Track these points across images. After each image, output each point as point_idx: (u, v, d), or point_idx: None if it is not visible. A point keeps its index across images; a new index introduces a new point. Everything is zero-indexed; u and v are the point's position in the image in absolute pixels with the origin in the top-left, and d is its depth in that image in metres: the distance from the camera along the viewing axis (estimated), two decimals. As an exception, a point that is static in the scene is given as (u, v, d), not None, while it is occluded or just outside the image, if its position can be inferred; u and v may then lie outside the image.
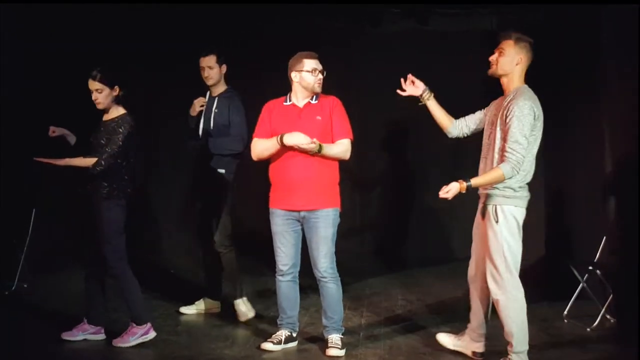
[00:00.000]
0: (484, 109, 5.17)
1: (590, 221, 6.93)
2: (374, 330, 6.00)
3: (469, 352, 5.30)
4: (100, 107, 5.46)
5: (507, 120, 4.71)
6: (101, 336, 5.59)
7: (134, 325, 5.48)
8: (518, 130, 4.66)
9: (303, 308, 6.00)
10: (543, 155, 7.76)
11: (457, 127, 5.29)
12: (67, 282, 6.91)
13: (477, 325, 5.23)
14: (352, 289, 7.16)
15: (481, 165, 5.01)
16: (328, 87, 5.43)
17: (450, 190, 4.65)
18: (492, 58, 4.93)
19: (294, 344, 5.51)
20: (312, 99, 5.35)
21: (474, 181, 4.71)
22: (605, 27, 6.77)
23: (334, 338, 5.36)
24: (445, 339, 5.44)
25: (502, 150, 4.73)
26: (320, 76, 5.32)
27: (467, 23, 8.65)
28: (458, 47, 8.66)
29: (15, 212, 7.13)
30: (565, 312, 6.27)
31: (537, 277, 7.37)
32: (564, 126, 7.60)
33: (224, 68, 6.27)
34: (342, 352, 5.31)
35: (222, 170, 6.16)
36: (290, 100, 5.38)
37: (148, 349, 5.45)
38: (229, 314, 6.30)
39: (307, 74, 5.29)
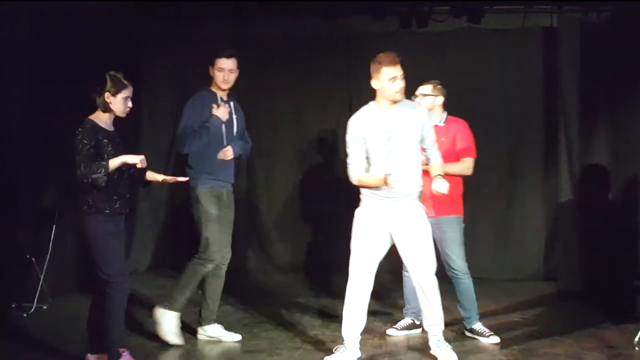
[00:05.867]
0: (357, 142, 5.16)
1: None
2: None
3: None
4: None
5: (427, 126, 5.21)
6: None
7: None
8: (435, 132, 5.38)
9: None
10: (607, 170, 7.47)
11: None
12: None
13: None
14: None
15: (392, 169, 5.04)
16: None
17: (444, 187, 5.11)
18: (402, 86, 5.12)
19: (417, 331, 5.96)
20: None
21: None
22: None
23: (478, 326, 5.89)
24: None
25: (429, 149, 5.30)
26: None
27: (523, 20, 8.07)
28: (513, 46, 8.24)
29: (33, 228, 6.87)
30: (637, 339, 5.72)
31: (604, 300, 7.18)
32: (624, 136, 7.47)
33: None
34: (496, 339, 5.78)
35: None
36: None
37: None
38: (261, 340, 5.93)
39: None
